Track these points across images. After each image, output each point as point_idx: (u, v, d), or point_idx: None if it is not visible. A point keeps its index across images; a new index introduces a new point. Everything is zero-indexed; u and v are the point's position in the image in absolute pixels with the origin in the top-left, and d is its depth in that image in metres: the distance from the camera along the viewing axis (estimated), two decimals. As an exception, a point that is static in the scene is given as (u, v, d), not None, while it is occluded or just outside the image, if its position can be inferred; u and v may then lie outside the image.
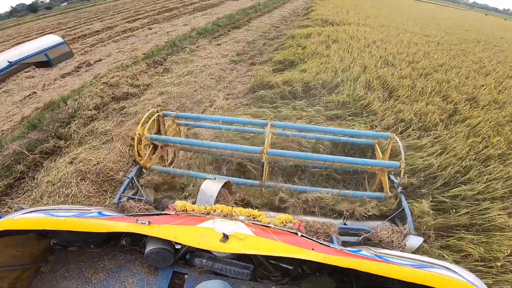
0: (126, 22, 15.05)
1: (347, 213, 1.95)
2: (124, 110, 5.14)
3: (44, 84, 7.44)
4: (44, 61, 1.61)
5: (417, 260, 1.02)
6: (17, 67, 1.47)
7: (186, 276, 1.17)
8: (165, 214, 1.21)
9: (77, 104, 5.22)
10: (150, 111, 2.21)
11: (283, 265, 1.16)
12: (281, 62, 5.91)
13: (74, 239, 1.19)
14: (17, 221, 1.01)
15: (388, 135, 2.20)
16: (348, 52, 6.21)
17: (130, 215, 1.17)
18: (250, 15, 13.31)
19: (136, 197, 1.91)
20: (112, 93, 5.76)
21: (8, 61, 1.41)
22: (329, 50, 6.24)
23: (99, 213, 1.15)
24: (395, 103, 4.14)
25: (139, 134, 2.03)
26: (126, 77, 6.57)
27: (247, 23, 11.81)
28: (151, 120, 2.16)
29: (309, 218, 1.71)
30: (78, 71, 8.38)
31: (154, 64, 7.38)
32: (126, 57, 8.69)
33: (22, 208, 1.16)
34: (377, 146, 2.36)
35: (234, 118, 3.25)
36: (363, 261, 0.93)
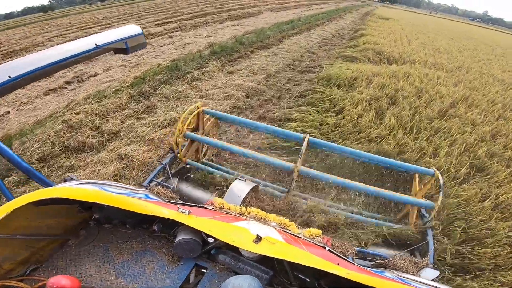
0: (155, 25, 13.68)
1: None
2: (71, 172, 3.38)
3: (22, 102, 5.97)
4: (123, 48, 1.66)
5: (437, 287, 1.02)
6: (100, 51, 1.54)
7: (206, 270, 1.12)
8: (203, 207, 1.21)
9: (22, 149, 3.66)
10: (191, 107, 2.21)
11: (301, 276, 1.13)
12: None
13: (115, 216, 1.18)
14: (75, 190, 0.98)
15: (433, 171, 2.01)
16: (414, 130, 3.59)
17: (173, 202, 1.17)
18: (285, 32, 10.89)
19: (166, 183, 1.91)
20: (68, 140, 3.97)
21: (95, 44, 1.49)
22: (382, 123, 3.68)
23: (146, 195, 1.15)
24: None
25: (179, 129, 2.11)
26: (95, 114, 4.66)
27: (278, 43, 9.43)
28: (191, 117, 2.18)
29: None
30: (66, 87, 6.80)
31: (138, 97, 5.34)
32: (121, 76, 6.95)
33: (72, 179, 1.19)
34: (416, 178, 2.14)
35: (272, 127, 2.74)
36: (387, 282, 0.88)
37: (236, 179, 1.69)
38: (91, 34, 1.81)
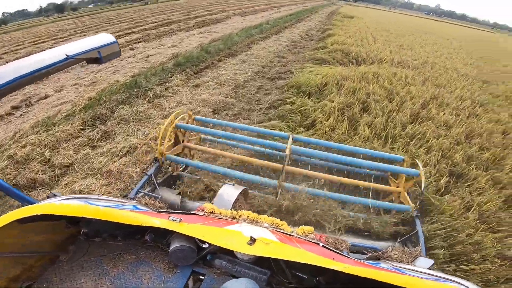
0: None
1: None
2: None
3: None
4: (95, 58, 1.63)
5: (433, 274, 1.01)
6: (72, 61, 1.49)
7: (204, 276, 1.12)
8: (194, 214, 1.20)
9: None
10: (165, 124, 2.14)
11: (299, 274, 1.13)
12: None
13: (104, 229, 1.16)
14: (59, 206, 0.96)
15: (418, 172, 1.98)
16: (390, 140, 3.38)
17: (163, 211, 1.16)
18: (253, 37, 10.57)
19: (153, 194, 1.86)
20: (15, 177, 3.42)
21: (66, 55, 1.44)
22: (356, 134, 3.43)
23: (134, 206, 1.13)
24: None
25: (160, 154, 2.07)
26: (44, 146, 4.04)
27: (246, 49, 9.09)
28: (167, 137, 2.12)
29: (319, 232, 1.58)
30: (13, 113, 5.93)
31: (93, 122, 4.70)
32: (74, 97, 6.20)
33: (55, 195, 1.14)
34: (403, 178, 2.12)
35: (255, 127, 2.75)
36: (383, 272, 0.87)
37: (224, 184, 1.65)
38: (45, 49, 1.72)
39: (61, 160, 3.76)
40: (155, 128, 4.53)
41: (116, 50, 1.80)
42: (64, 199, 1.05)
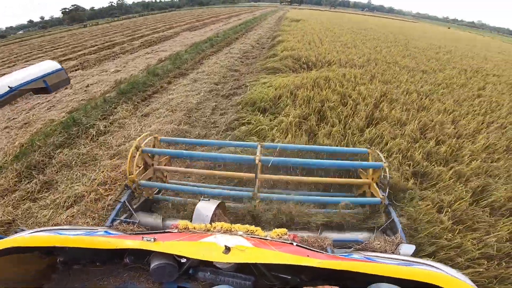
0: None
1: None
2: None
3: None
4: (42, 88, 1.58)
5: (403, 260, 1.08)
6: (16, 93, 1.45)
7: None
8: (168, 232, 1.22)
9: None
10: (131, 151, 2.11)
11: (282, 275, 1.16)
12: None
13: (80, 256, 1.19)
14: (29, 239, 1.00)
15: (382, 164, 2.06)
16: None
17: (136, 233, 1.19)
18: (204, 52, 10.24)
19: (130, 220, 1.88)
20: None
21: (8, 87, 1.39)
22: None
23: (106, 232, 1.17)
24: None
25: (131, 181, 2.06)
26: None
27: (197, 66, 8.70)
28: (135, 164, 2.09)
29: (303, 234, 1.69)
30: None
31: (29, 172, 3.96)
32: (5, 143, 5.18)
33: (23, 230, 1.17)
34: (370, 172, 2.22)
35: (223, 141, 3.02)
36: (354, 262, 0.96)
37: (200, 200, 1.66)
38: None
39: (1, 217, 3.18)
40: (102, 172, 3.94)
41: (64, 77, 1.75)
42: (34, 232, 1.06)
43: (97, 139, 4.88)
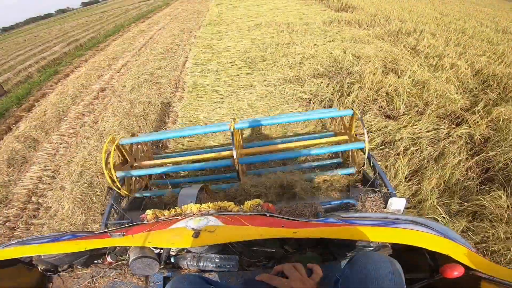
0: None
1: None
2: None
3: None
4: None
5: (383, 218, 0.97)
6: None
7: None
8: (137, 224, 1.11)
9: None
10: (105, 144, 2.00)
11: (266, 249, 1.11)
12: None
13: (59, 263, 1.15)
14: None
15: (351, 111, 2.00)
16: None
17: (103, 231, 1.06)
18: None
19: (122, 221, 1.83)
20: None
21: None
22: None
23: (73, 235, 1.11)
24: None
25: (111, 182, 1.97)
26: None
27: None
28: (111, 159, 1.95)
29: (293, 203, 1.57)
30: None
31: None
32: None
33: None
34: (344, 120, 2.29)
35: (197, 126, 3.02)
36: (329, 228, 0.88)
37: (181, 188, 1.61)
38: None
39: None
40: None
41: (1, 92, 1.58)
42: (4, 246, 1.07)
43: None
